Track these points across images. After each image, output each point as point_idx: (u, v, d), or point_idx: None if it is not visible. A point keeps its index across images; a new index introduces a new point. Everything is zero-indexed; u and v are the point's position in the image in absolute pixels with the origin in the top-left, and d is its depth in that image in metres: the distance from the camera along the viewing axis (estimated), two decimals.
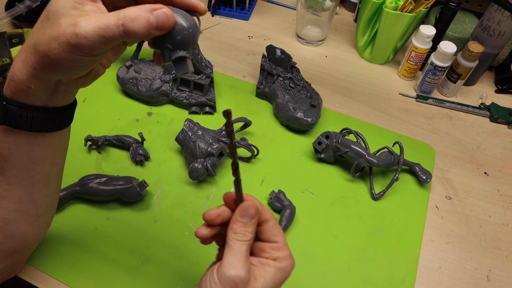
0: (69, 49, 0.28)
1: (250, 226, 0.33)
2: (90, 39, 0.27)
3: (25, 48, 0.31)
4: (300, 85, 0.68)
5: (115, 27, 0.27)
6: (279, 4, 0.97)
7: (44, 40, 0.28)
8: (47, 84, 0.32)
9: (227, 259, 0.31)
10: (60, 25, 0.27)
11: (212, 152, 0.57)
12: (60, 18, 0.27)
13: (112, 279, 0.50)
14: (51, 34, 0.28)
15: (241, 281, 0.30)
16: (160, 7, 0.27)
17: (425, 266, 0.54)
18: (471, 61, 0.70)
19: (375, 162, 0.58)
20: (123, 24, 0.27)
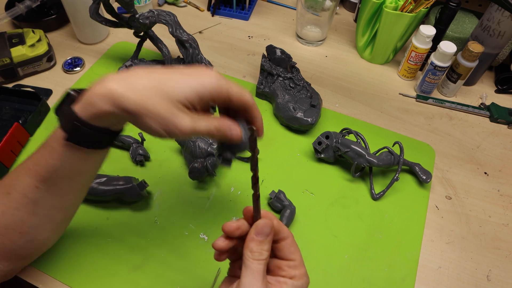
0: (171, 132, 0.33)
1: (266, 244, 0.33)
2: (184, 133, 0.32)
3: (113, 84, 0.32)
4: (300, 85, 0.68)
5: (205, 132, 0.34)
6: (279, 4, 0.97)
7: (153, 109, 0.32)
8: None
9: (246, 280, 0.31)
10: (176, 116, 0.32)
11: (212, 152, 0.57)
12: (176, 107, 0.32)
13: (112, 279, 0.50)
14: (163, 113, 0.32)
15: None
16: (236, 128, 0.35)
17: (425, 266, 0.54)
18: (471, 61, 0.70)
19: (375, 162, 0.58)
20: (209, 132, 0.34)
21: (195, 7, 0.94)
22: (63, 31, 0.85)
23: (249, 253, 0.32)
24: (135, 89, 0.32)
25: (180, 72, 0.33)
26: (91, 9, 0.66)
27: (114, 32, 0.85)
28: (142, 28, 0.66)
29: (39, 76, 0.75)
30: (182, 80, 0.33)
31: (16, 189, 0.38)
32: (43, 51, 0.73)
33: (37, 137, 0.65)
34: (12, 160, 0.60)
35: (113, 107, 0.32)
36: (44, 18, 0.82)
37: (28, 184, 0.38)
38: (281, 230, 0.34)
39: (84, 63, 0.77)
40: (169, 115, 0.32)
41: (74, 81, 0.74)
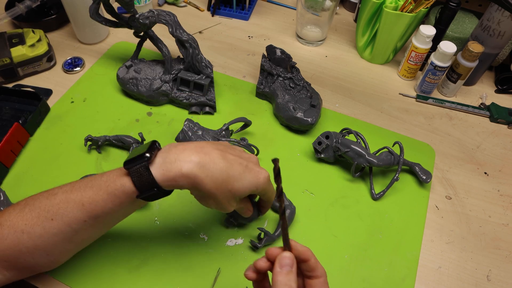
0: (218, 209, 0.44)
1: (292, 275, 0.34)
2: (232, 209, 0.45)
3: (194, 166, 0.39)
4: (300, 85, 0.68)
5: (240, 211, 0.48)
6: (279, 4, 0.97)
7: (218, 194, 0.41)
8: None
9: None
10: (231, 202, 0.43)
11: None
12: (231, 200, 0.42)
13: (112, 279, 0.50)
14: (221, 199, 0.41)
15: None
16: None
17: (425, 266, 0.54)
18: (471, 61, 0.70)
19: (375, 162, 0.58)
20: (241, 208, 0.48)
21: (195, 7, 0.94)
22: (63, 31, 0.85)
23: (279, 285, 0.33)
24: (212, 178, 0.39)
25: (244, 166, 0.42)
26: (91, 9, 0.66)
27: (114, 32, 0.85)
28: (142, 28, 0.66)
29: (39, 76, 0.75)
30: (244, 179, 0.41)
31: (62, 219, 0.40)
32: (43, 51, 0.73)
33: (37, 137, 0.65)
34: (12, 160, 0.60)
35: (191, 186, 0.39)
36: (44, 18, 0.82)
37: (77, 217, 0.40)
38: (317, 268, 0.36)
39: (84, 63, 0.77)
40: (227, 204, 0.42)
41: (74, 81, 0.74)
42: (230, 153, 0.42)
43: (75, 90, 0.72)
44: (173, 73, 0.68)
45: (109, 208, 0.40)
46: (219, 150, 0.41)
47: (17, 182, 0.59)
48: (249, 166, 0.42)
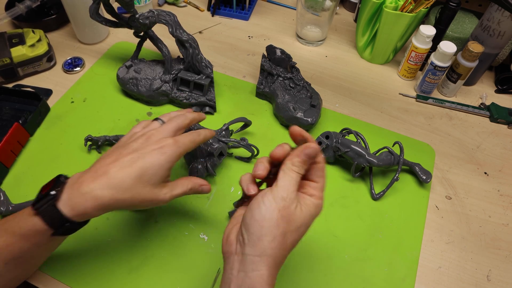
0: (153, 206, 0.43)
1: (306, 164, 0.37)
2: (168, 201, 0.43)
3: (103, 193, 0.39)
4: (300, 85, 0.68)
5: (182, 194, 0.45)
6: (279, 4, 0.97)
7: (138, 200, 0.40)
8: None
9: (283, 183, 0.35)
10: (154, 193, 0.42)
11: (212, 152, 0.57)
12: (154, 188, 0.41)
13: (112, 278, 0.50)
14: (146, 197, 0.41)
15: (293, 203, 0.35)
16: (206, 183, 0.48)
17: (425, 266, 0.54)
18: (471, 61, 0.70)
19: (375, 162, 0.58)
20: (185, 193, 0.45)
21: (195, 7, 0.94)
22: (63, 31, 0.85)
23: (290, 165, 0.36)
24: (122, 189, 0.39)
25: (149, 148, 0.41)
26: (91, 9, 0.66)
27: (114, 32, 0.85)
28: (142, 28, 0.66)
29: (39, 76, 0.75)
30: (156, 160, 0.41)
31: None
32: (43, 51, 0.73)
33: (37, 137, 0.65)
34: (12, 160, 0.60)
35: (107, 210, 0.40)
36: (44, 18, 0.82)
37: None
38: (319, 155, 0.38)
39: (84, 63, 0.77)
40: (153, 196, 0.41)
41: (74, 81, 0.74)
42: (125, 154, 0.41)
43: (75, 90, 0.72)
44: (173, 73, 0.68)
45: (27, 248, 0.40)
46: (114, 161, 0.41)
47: (17, 182, 0.59)
48: (145, 150, 0.41)
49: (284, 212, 0.34)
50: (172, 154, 0.42)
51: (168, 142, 0.42)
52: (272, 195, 0.35)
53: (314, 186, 0.38)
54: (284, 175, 0.36)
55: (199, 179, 0.47)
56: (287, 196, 0.35)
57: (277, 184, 0.36)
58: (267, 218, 0.34)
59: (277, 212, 0.34)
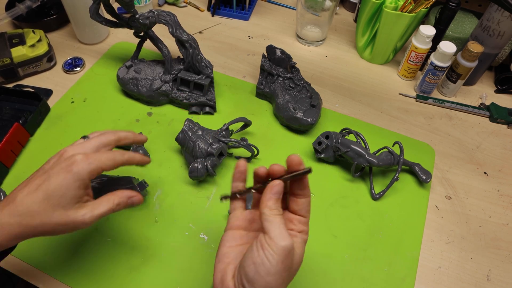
0: (73, 230, 0.39)
1: (280, 201, 0.37)
2: (91, 223, 0.39)
3: (10, 221, 0.37)
4: (300, 85, 0.68)
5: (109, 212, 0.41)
6: (279, 4, 0.97)
7: (51, 225, 0.37)
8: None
9: (274, 232, 0.34)
10: (69, 216, 0.38)
11: (212, 152, 0.57)
12: (68, 210, 0.38)
13: (112, 278, 0.50)
14: (59, 222, 0.37)
15: (292, 248, 0.34)
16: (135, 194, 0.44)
17: (425, 266, 0.54)
18: (471, 61, 0.70)
19: (375, 162, 0.58)
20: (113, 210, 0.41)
21: (195, 7, 0.94)
22: (63, 31, 0.85)
23: (268, 210, 0.36)
24: (29, 215, 0.37)
25: (58, 167, 0.38)
26: (91, 9, 0.66)
27: (114, 32, 0.85)
28: (142, 28, 0.66)
29: (39, 76, 0.75)
30: (62, 179, 0.37)
31: None
32: (43, 51, 0.73)
33: (37, 137, 0.65)
34: (12, 160, 0.60)
35: (22, 238, 0.37)
36: (44, 18, 0.82)
37: None
38: (307, 188, 0.38)
39: (84, 63, 0.77)
40: (68, 220, 0.38)
41: (74, 81, 0.74)
42: (36, 177, 0.39)
43: (75, 90, 0.73)
44: (173, 73, 0.68)
45: None
46: (24, 186, 0.39)
47: (17, 182, 0.58)
48: (53, 170, 0.39)
49: (287, 261, 0.34)
50: (80, 172, 0.38)
51: (77, 158, 0.39)
52: (271, 247, 0.34)
53: (303, 221, 0.38)
54: (271, 224, 0.35)
55: (127, 191, 0.43)
56: (286, 244, 0.34)
57: (269, 235, 0.34)
58: (272, 272, 0.33)
59: (281, 264, 0.33)
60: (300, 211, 0.38)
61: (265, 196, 0.37)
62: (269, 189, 0.37)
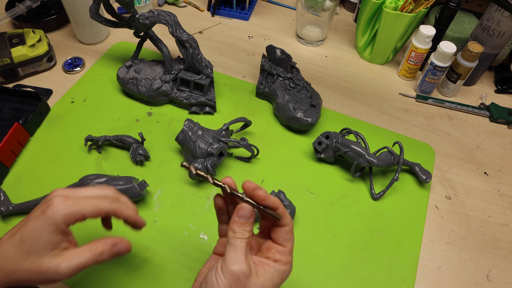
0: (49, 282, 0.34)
1: (248, 226, 0.35)
2: (69, 275, 0.34)
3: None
4: (300, 85, 0.68)
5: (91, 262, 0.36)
6: (279, 4, 0.97)
7: (24, 273, 0.34)
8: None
9: (229, 255, 0.33)
10: (43, 264, 0.34)
11: (212, 152, 0.57)
12: (42, 257, 0.34)
13: (112, 278, 0.50)
14: (33, 270, 0.33)
15: (244, 274, 0.33)
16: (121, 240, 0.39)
17: (425, 266, 0.54)
18: (471, 61, 0.70)
19: (375, 162, 0.58)
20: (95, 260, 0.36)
21: (195, 7, 0.94)
22: (63, 31, 0.85)
23: (232, 233, 0.34)
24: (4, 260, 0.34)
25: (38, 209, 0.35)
26: (91, 9, 0.66)
27: (114, 32, 0.85)
28: (142, 28, 0.66)
29: (39, 76, 0.75)
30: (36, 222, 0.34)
31: None
32: (43, 51, 0.73)
33: (37, 137, 0.65)
34: (12, 160, 0.60)
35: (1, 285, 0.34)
36: (44, 18, 0.82)
37: None
38: (284, 217, 0.36)
39: (84, 63, 0.77)
40: (42, 269, 0.33)
41: (74, 81, 0.74)
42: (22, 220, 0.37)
43: (75, 90, 0.72)
44: (173, 73, 0.68)
45: None
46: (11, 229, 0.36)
47: (17, 182, 0.59)
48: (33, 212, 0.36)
49: (237, 286, 0.32)
50: (55, 215, 0.34)
51: (54, 200, 0.35)
52: (222, 269, 0.33)
53: (281, 250, 0.36)
54: (229, 246, 0.34)
55: (112, 238, 0.38)
56: (236, 268, 0.32)
57: (224, 257, 0.34)
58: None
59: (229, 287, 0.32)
60: (278, 239, 0.36)
61: (232, 218, 0.35)
62: (236, 211, 0.35)
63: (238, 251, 0.33)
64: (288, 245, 0.36)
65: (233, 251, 0.33)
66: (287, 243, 0.36)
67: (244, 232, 0.34)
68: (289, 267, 0.36)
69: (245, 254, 0.34)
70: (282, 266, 0.35)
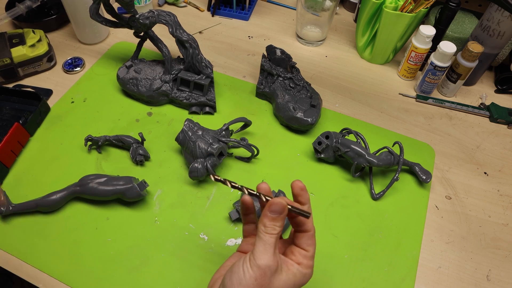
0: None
1: (279, 221, 0.35)
2: None
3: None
4: (300, 85, 0.68)
5: None
6: (279, 4, 0.97)
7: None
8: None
9: (258, 249, 0.34)
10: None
11: (212, 152, 0.57)
12: None
13: (112, 278, 0.50)
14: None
15: (270, 270, 0.33)
16: None
17: (425, 266, 0.54)
18: (471, 61, 0.70)
19: (375, 162, 0.58)
20: None
21: (195, 7, 0.94)
22: (63, 31, 0.85)
23: (262, 227, 0.35)
24: None
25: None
26: (91, 9, 0.66)
27: (114, 32, 0.85)
28: (142, 28, 0.66)
29: (40, 76, 0.75)
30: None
31: None
32: (43, 51, 0.73)
33: (37, 137, 0.65)
34: (12, 160, 0.60)
35: None
36: (44, 18, 0.82)
37: None
38: (307, 223, 0.37)
39: (84, 63, 0.77)
40: None
41: (74, 81, 0.74)
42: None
43: (75, 90, 0.73)
44: (173, 73, 0.68)
45: None
46: None
47: (17, 182, 0.59)
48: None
49: (262, 280, 0.33)
50: None
51: None
52: (250, 262, 0.34)
53: (304, 254, 0.37)
54: (259, 240, 0.35)
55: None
56: (263, 263, 0.33)
57: (253, 251, 0.34)
58: (243, 284, 0.33)
59: (254, 281, 0.33)
60: (301, 244, 0.37)
61: (263, 212, 0.36)
62: (267, 206, 0.36)
63: (267, 247, 0.34)
64: (310, 250, 0.37)
65: (262, 246, 0.34)
66: (310, 248, 0.37)
67: (274, 227, 0.35)
68: (311, 272, 0.37)
69: (274, 250, 0.34)
70: (304, 269, 0.36)
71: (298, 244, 0.38)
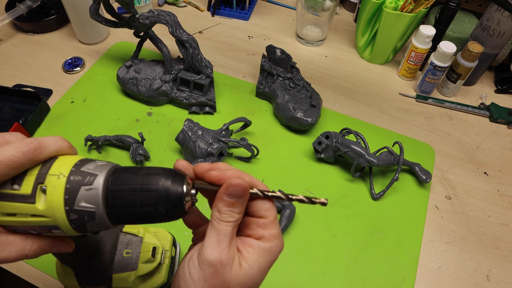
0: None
1: (238, 206, 0.28)
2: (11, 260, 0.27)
3: None
4: (300, 85, 0.68)
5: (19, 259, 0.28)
6: (279, 4, 0.97)
7: None
8: None
9: (209, 241, 0.27)
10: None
11: (212, 152, 0.57)
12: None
13: None
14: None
15: (222, 265, 0.27)
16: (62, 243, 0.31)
17: (425, 266, 0.54)
18: (471, 61, 0.70)
19: (375, 162, 0.58)
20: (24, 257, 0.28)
21: (195, 7, 0.94)
22: (63, 31, 0.85)
23: (217, 213, 0.28)
24: None
25: None
26: (91, 9, 0.66)
27: (114, 32, 0.85)
28: (142, 28, 0.66)
29: (40, 76, 0.75)
30: None
31: None
32: None
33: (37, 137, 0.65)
34: None
35: None
36: (44, 18, 0.82)
37: None
38: (254, 184, 0.30)
39: (84, 63, 0.77)
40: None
41: (74, 81, 0.74)
42: None
43: (75, 90, 0.73)
44: (173, 73, 0.68)
45: None
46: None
47: None
48: None
49: (213, 280, 0.26)
50: None
51: None
52: (198, 258, 0.27)
53: (262, 223, 0.29)
54: (211, 229, 0.28)
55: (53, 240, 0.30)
56: (214, 258, 0.26)
57: (204, 242, 0.27)
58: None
59: (203, 282, 0.27)
60: (257, 211, 0.29)
61: (218, 194, 0.28)
62: (225, 187, 0.28)
63: (221, 238, 0.27)
64: (270, 215, 0.29)
65: (215, 237, 0.27)
66: (269, 213, 0.29)
67: (232, 213, 0.28)
68: (278, 243, 0.29)
69: (228, 242, 0.27)
70: (267, 242, 0.28)
71: (254, 213, 0.29)
